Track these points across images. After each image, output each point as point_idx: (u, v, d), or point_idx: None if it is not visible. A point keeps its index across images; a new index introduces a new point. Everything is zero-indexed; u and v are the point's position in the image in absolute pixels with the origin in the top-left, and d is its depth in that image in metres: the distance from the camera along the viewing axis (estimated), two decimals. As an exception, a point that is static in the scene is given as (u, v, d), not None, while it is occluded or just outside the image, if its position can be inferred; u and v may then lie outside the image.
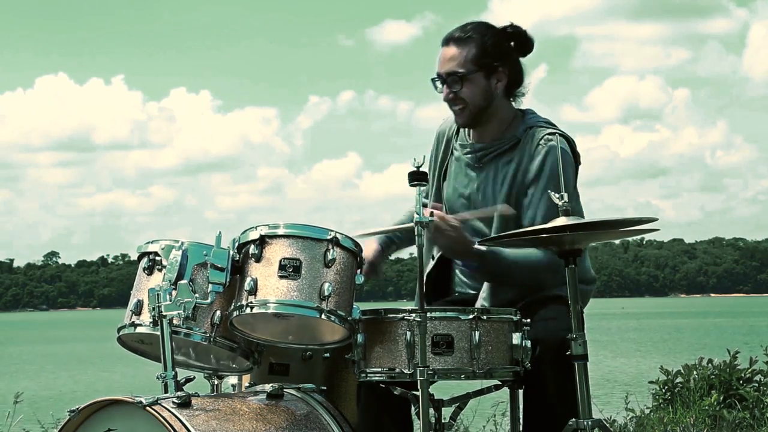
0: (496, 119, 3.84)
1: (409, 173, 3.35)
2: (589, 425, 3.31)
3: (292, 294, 3.37)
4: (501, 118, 3.85)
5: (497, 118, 3.84)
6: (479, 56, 3.79)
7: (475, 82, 3.79)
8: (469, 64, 3.79)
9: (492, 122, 3.84)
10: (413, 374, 3.30)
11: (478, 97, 3.80)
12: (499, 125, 3.85)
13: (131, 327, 3.57)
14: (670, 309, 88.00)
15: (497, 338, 3.40)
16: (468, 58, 3.79)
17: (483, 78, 3.79)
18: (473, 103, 3.80)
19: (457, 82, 3.79)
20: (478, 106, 3.81)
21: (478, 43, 3.80)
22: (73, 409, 3.34)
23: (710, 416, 7.73)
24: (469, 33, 3.81)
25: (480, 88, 3.80)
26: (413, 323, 3.31)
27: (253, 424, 3.36)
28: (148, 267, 3.59)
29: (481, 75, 3.79)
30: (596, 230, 3.40)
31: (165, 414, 3.21)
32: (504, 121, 3.86)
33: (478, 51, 3.79)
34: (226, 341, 3.54)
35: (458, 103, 3.81)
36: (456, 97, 3.81)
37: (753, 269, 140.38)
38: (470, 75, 3.78)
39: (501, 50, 3.82)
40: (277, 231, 3.45)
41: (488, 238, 3.55)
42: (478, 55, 3.79)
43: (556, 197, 3.40)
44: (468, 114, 3.83)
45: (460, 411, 3.58)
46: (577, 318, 3.36)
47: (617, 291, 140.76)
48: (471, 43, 3.80)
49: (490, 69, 3.80)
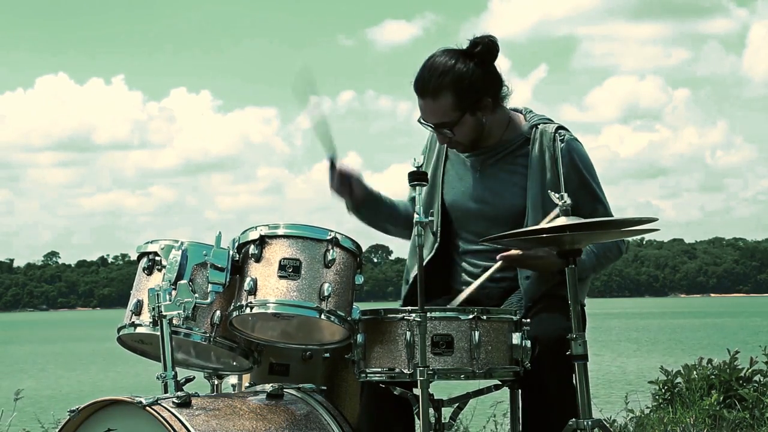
0: (494, 130, 3.86)
1: (409, 173, 3.36)
2: (589, 425, 3.31)
3: (291, 294, 3.37)
4: (496, 128, 3.85)
5: (494, 129, 3.85)
6: (458, 101, 3.73)
7: (464, 124, 3.77)
8: (451, 113, 3.74)
9: (489, 135, 3.85)
10: (413, 374, 3.30)
11: (471, 132, 3.80)
12: (497, 133, 3.86)
13: (131, 327, 3.57)
14: (670, 309, 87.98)
15: (497, 338, 3.40)
16: (448, 108, 3.74)
17: (470, 117, 3.77)
18: (468, 138, 3.82)
19: (446, 128, 3.78)
20: (474, 139, 3.83)
21: (453, 90, 3.72)
22: (73, 409, 3.34)
23: (710, 416, 7.73)
24: (440, 80, 3.72)
25: (470, 127, 3.79)
26: (413, 323, 3.31)
27: (253, 424, 3.36)
28: (147, 267, 3.59)
29: (467, 116, 3.77)
30: (596, 230, 3.40)
31: (165, 414, 3.21)
32: (501, 127, 3.86)
33: (455, 98, 3.72)
34: (225, 341, 3.54)
35: (454, 142, 3.83)
36: (451, 140, 3.82)
37: (753, 269, 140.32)
38: (457, 121, 3.76)
39: (472, 83, 3.74)
40: (277, 231, 3.45)
41: (488, 238, 3.54)
42: (457, 101, 3.73)
43: (556, 197, 3.41)
44: (465, 147, 3.86)
45: (460, 411, 3.59)
46: (577, 318, 3.36)
47: (617, 291, 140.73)
48: (446, 92, 3.72)
49: (474, 106, 3.76)
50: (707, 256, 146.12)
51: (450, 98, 3.73)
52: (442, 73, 3.73)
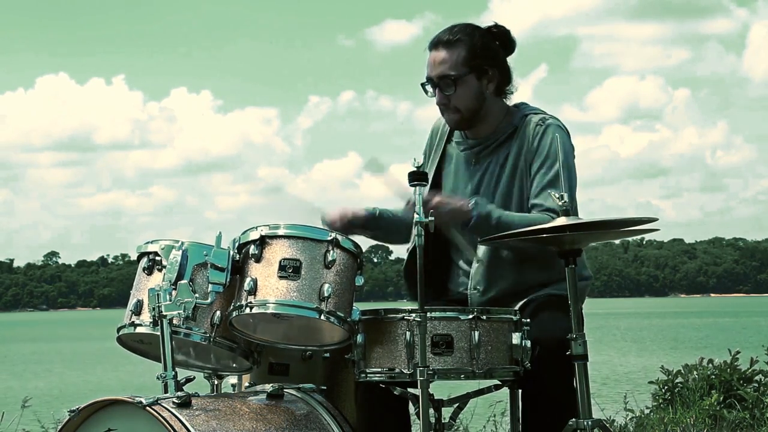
0: (489, 117, 3.86)
1: (409, 173, 3.36)
2: (589, 425, 3.31)
3: (291, 294, 3.37)
4: (494, 116, 3.87)
5: (490, 116, 3.86)
6: (469, 58, 3.79)
7: (467, 84, 3.80)
8: (460, 67, 3.79)
9: (485, 121, 3.86)
10: (413, 374, 3.30)
11: (471, 99, 3.81)
12: (493, 122, 3.87)
13: (131, 327, 3.57)
14: (670, 309, 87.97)
15: (497, 338, 3.40)
16: (458, 60, 3.79)
17: (475, 79, 3.81)
18: (466, 106, 3.82)
19: (449, 85, 3.79)
20: (471, 109, 3.82)
21: (468, 45, 3.80)
22: (73, 409, 3.34)
23: (710, 416, 7.73)
24: (458, 35, 3.81)
25: (472, 90, 3.81)
26: (413, 323, 3.31)
27: (253, 424, 3.36)
28: (147, 267, 3.59)
29: (473, 77, 3.80)
30: (596, 230, 3.40)
31: (165, 414, 3.21)
32: (497, 118, 3.87)
33: (468, 53, 3.79)
34: (225, 341, 3.54)
35: (451, 106, 3.82)
36: (449, 102, 3.82)
37: (753, 269, 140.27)
38: (462, 77, 3.79)
39: (490, 51, 3.83)
40: (278, 231, 3.45)
41: (489, 238, 3.54)
42: (469, 57, 3.79)
43: (555, 197, 3.41)
44: (460, 117, 3.84)
45: (460, 411, 3.59)
46: (577, 317, 3.36)
47: (617, 291, 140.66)
48: (460, 46, 3.80)
49: (481, 70, 3.81)
50: (707, 256, 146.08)
51: (463, 51, 3.80)
52: (461, 30, 3.84)
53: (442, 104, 3.85)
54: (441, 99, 3.83)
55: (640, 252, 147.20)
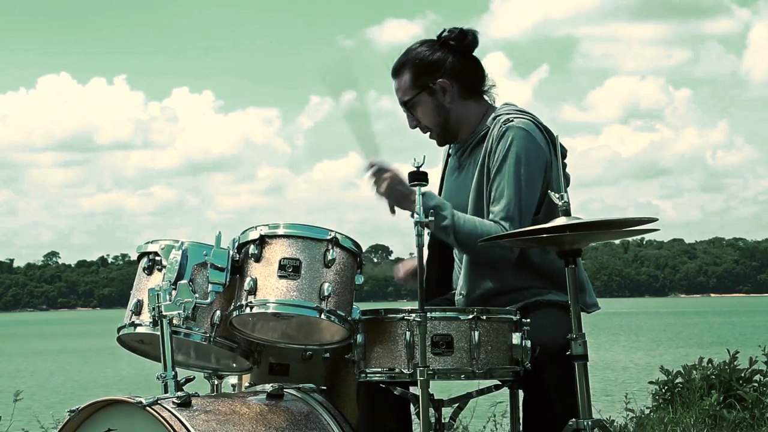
0: (464, 122, 3.88)
1: (410, 173, 3.36)
2: (589, 425, 3.31)
3: (291, 294, 3.37)
4: (469, 119, 3.88)
5: (464, 121, 3.88)
6: (414, 78, 3.86)
7: (423, 104, 3.86)
8: (410, 90, 3.87)
9: (461, 127, 3.88)
10: (413, 374, 3.30)
11: (433, 115, 3.86)
12: (471, 125, 3.88)
13: (131, 327, 3.57)
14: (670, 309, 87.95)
15: (497, 338, 3.40)
16: (407, 85, 3.87)
17: (427, 96, 3.85)
18: (432, 122, 3.88)
19: (410, 109, 3.88)
20: (438, 123, 3.87)
21: (410, 66, 3.87)
22: (73, 409, 3.34)
23: (710, 416, 7.73)
24: (402, 60, 3.90)
25: (429, 107, 3.86)
26: (413, 323, 3.31)
27: (253, 425, 3.36)
28: (147, 267, 3.59)
29: (424, 95, 3.85)
30: (596, 230, 3.40)
31: (165, 414, 3.21)
32: (474, 119, 3.88)
33: (411, 74, 3.86)
34: (225, 341, 3.54)
35: (422, 127, 3.91)
36: (418, 123, 3.90)
37: (753, 269, 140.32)
38: (415, 99, 3.85)
39: (431, 63, 3.84)
40: (277, 231, 3.45)
41: (488, 238, 3.54)
42: (413, 78, 3.86)
43: (555, 197, 3.40)
44: (437, 134, 3.91)
45: (460, 411, 3.59)
46: (577, 317, 3.36)
47: (617, 291, 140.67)
48: (404, 69, 3.88)
49: (428, 86, 3.84)
50: (707, 256, 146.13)
51: (408, 75, 3.87)
52: (405, 53, 3.91)
53: (412, 127, 3.93)
54: (411, 122, 3.93)
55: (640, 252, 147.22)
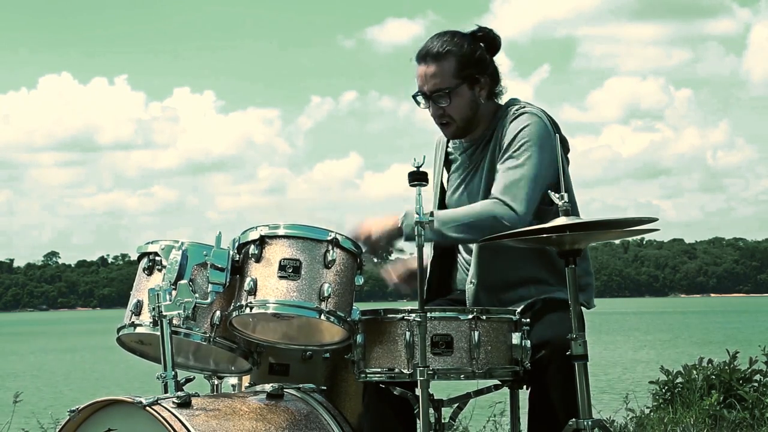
0: (483, 120, 3.86)
1: (410, 173, 3.35)
2: (589, 425, 3.31)
3: (291, 294, 3.37)
4: (485, 118, 3.87)
5: (482, 120, 3.86)
6: (460, 69, 3.78)
7: (461, 95, 3.79)
8: (452, 79, 3.78)
9: (478, 125, 3.86)
10: (413, 374, 3.30)
11: (466, 108, 3.81)
12: (485, 124, 3.87)
13: (131, 327, 3.57)
14: (670, 309, 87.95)
15: (497, 338, 3.40)
16: (450, 72, 3.78)
17: (467, 89, 3.80)
18: (461, 116, 3.81)
19: (443, 98, 3.79)
20: (466, 118, 3.82)
21: (457, 56, 3.78)
22: (73, 409, 3.34)
23: (710, 416, 7.74)
24: (446, 47, 3.79)
25: (466, 100, 3.80)
26: (413, 323, 3.31)
27: (253, 424, 3.36)
28: (148, 267, 3.59)
29: (465, 87, 3.79)
30: (596, 230, 3.40)
31: (165, 414, 3.21)
32: (488, 119, 3.87)
33: (458, 64, 3.78)
34: (225, 341, 3.54)
35: (446, 118, 3.82)
36: (444, 113, 3.81)
37: (753, 269, 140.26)
38: (455, 89, 3.78)
39: (478, 58, 3.81)
40: (277, 231, 3.45)
41: (488, 239, 3.54)
42: (459, 68, 3.78)
43: (556, 197, 3.40)
44: (456, 127, 3.84)
45: (460, 411, 3.59)
46: (578, 317, 3.36)
47: (617, 291, 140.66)
48: (449, 57, 3.78)
49: (473, 79, 3.80)
50: (707, 256, 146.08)
51: (453, 63, 3.78)
52: (448, 41, 3.81)
53: (437, 116, 3.84)
54: (436, 111, 3.83)
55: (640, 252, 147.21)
